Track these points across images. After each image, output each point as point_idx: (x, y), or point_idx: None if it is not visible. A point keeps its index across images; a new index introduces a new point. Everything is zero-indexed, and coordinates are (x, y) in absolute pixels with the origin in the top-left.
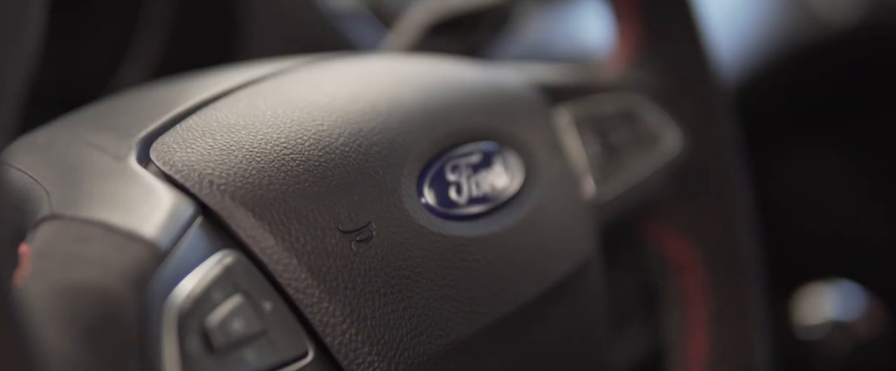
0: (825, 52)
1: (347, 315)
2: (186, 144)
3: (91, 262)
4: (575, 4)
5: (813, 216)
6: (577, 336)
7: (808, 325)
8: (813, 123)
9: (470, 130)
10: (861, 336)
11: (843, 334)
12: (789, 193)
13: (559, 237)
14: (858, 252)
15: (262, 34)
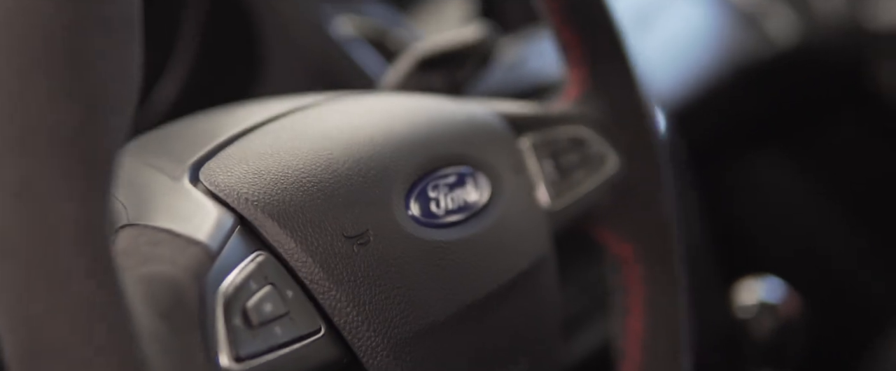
0: (771, 68)
1: (350, 301)
2: (227, 169)
3: (162, 260)
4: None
5: (756, 218)
6: (534, 318)
7: (744, 307)
8: (761, 133)
9: (447, 157)
10: (781, 317)
11: (769, 314)
12: (737, 198)
13: (520, 240)
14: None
15: (280, 61)
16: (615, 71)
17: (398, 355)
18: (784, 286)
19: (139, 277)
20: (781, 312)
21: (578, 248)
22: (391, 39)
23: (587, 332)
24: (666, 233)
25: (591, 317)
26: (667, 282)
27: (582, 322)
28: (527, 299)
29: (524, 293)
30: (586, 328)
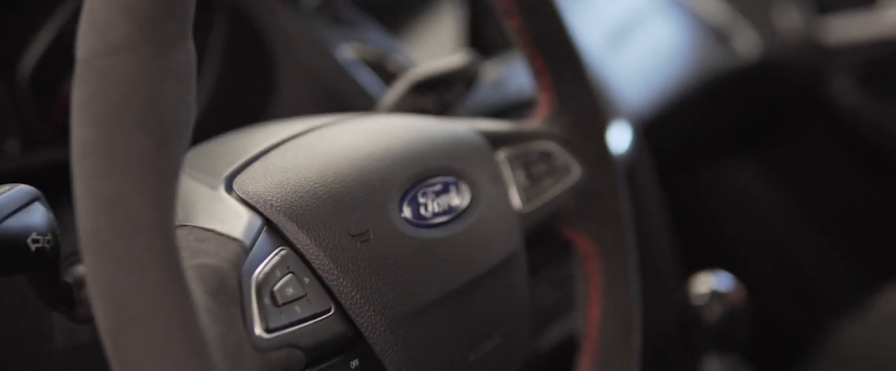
0: (737, 81)
1: (354, 286)
2: (254, 180)
3: (209, 254)
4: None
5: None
6: (507, 302)
7: (697, 295)
8: (729, 141)
9: (434, 169)
10: (729, 304)
11: (718, 302)
12: (708, 201)
13: (495, 238)
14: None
15: (292, 83)
16: (578, 95)
17: (393, 330)
18: (733, 279)
19: (193, 267)
20: (729, 301)
21: (553, 250)
22: (389, 63)
23: (561, 322)
24: (622, 232)
25: (564, 309)
26: (622, 273)
27: (557, 313)
28: (500, 286)
29: (498, 281)
30: (560, 318)
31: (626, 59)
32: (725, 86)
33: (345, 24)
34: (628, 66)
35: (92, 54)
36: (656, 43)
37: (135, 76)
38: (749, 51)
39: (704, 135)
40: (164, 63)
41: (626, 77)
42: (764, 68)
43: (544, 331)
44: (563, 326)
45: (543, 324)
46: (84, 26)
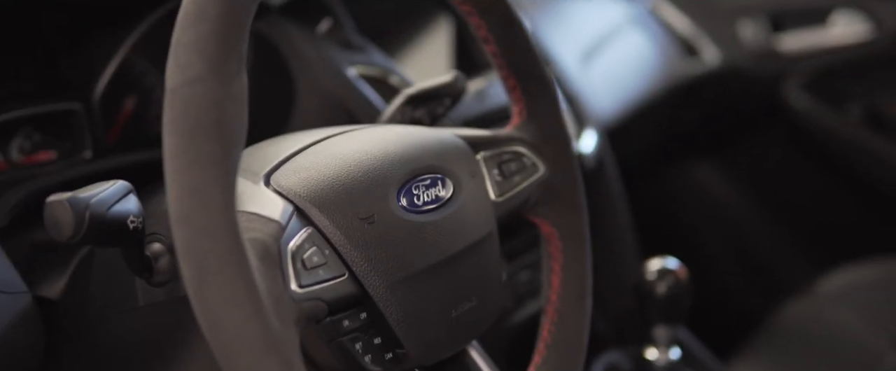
0: (701, 87)
1: (362, 256)
2: (286, 177)
3: (256, 230)
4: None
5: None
6: (482, 271)
7: (650, 271)
8: (694, 143)
9: (425, 168)
10: (674, 280)
11: (665, 278)
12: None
13: (473, 221)
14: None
15: (308, 97)
16: (543, 107)
17: (392, 291)
18: (678, 262)
19: (246, 239)
20: (674, 277)
21: (529, 239)
22: (389, 80)
23: (534, 297)
24: (578, 218)
25: (538, 287)
26: (578, 251)
27: (531, 291)
28: (477, 260)
29: (475, 256)
30: (535, 295)
31: (598, 71)
32: (690, 92)
33: (352, 49)
34: (600, 76)
35: (177, 85)
36: (627, 54)
37: (207, 101)
38: (712, 60)
39: (671, 136)
40: (227, 91)
41: (597, 87)
42: (725, 76)
43: (521, 304)
44: (537, 301)
45: (520, 299)
46: (171, 65)
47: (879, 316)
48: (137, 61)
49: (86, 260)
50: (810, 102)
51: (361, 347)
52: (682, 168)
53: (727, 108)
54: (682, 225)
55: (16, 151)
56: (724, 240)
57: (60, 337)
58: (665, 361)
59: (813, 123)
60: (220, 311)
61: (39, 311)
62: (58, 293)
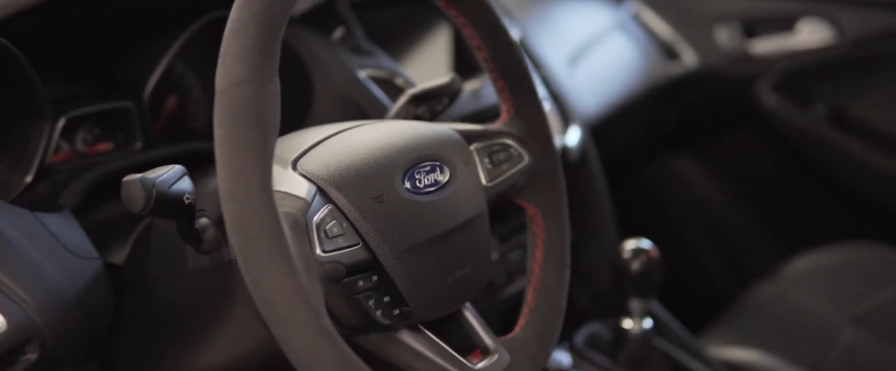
0: (680, 87)
1: (373, 229)
2: (310, 163)
3: (287, 205)
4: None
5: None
6: (474, 244)
7: (626, 250)
8: (673, 139)
9: (425, 156)
10: (647, 258)
11: (639, 256)
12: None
13: (466, 202)
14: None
15: (324, 96)
16: (528, 105)
17: (399, 258)
18: (651, 242)
19: (280, 213)
20: (647, 256)
21: (519, 224)
22: (395, 81)
23: (523, 275)
24: (559, 201)
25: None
26: (558, 229)
27: (521, 268)
28: (470, 234)
29: (468, 231)
30: (522, 272)
31: (584, 72)
32: (669, 92)
33: (362, 54)
34: (586, 77)
35: (225, 87)
36: (611, 57)
37: (248, 100)
38: (690, 62)
39: (652, 133)
40: (264, 92)
41: (583, 87)
42: (702, 77)
43: (512, 280)
44: (525, 278)
45: (511, 275)
46: (220, 71)
47: (839, 296)
48: (178, 66)
49: (144, 232)
50: (780, 102)
51: (373, 304)
52: (663, 162)
53: (704, 106)
54: (661, 214)
55: (80, 143)
56: (699, 227)
57: (124, 297)
58: (639, 330)
59: (782, 121)
60: (261, 270)
61: (109, 275)
62: (122, 260)
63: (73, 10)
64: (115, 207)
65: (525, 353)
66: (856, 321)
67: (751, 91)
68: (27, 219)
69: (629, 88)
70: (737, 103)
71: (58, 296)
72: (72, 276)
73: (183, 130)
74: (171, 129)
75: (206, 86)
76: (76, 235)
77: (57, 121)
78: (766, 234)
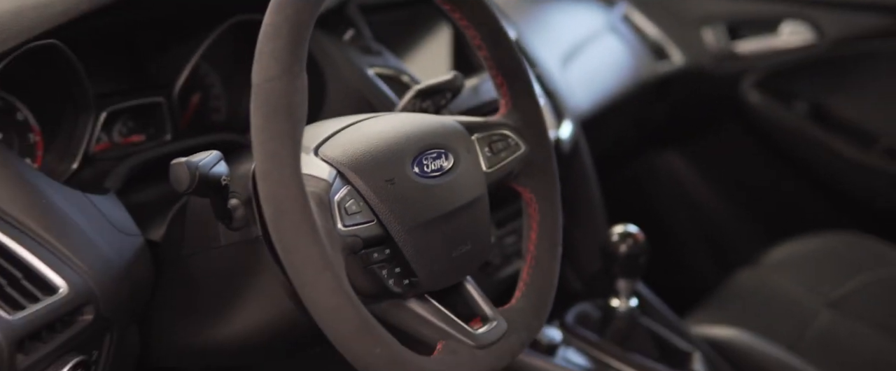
0: (668, 84)
1: (385, 208)
2: (330, 149)
3: (312, 185)
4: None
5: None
6: (474, 223)
7: (614, 235)
8: (661, 135)
9: (432, 144)
10: (632, 242)
11: (625, 239)
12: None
13: (468, 186)
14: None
15: (336, 92)
16: (525, 100)
17: (408, 234)
18: (638, 228)
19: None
20: (633, 239)
21: (515, 211)
22: (402, 78)
23: (518, 257)
24: (552, 186)
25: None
26: (551, 211)
27: (516, 251)
28: (471, 215)
29: (470, 212)
30: (518, 255)
31: (577, 71)
32: (658, 89)
33: (371, 53)
34: (579, 75)
35: (260, 82)
36: (603, 56)
37: (281, 93)
38: (678, 61)
39: (641, 127)
40: (293, 86)
41: (576, 84)
42: (689, 75)
43: (508, 262)
44: (520, 260)
45: (507, 257)
46: (256, 68)
47: (816, 282)
48: (202, 67)
49: (178, 213)
50: (763, 99)
51: (386, 274)
52: (651, 156)
53: (691, 103)
54: (650, 206)
55: (116, 134)
56: (686, 218)
57: (162, 270)
58: (625, 309)
59: (765, 117)
60: (292, 240)
61: (148, 250)
62: (159, 237)
63: (115, 16)
64: (150, 191)
65: (521, 322)
66: (831, 305)
67: (735, 89)
68: (80, 198)
69: (619, 86)
70: (722, 100)
71: (108, 266)
72: (119, 251)
73: (205, 124)
74: (196, 123)
75: (226, 84)
76: (121, 215)
77: (99, 114)
78: (748, 224)
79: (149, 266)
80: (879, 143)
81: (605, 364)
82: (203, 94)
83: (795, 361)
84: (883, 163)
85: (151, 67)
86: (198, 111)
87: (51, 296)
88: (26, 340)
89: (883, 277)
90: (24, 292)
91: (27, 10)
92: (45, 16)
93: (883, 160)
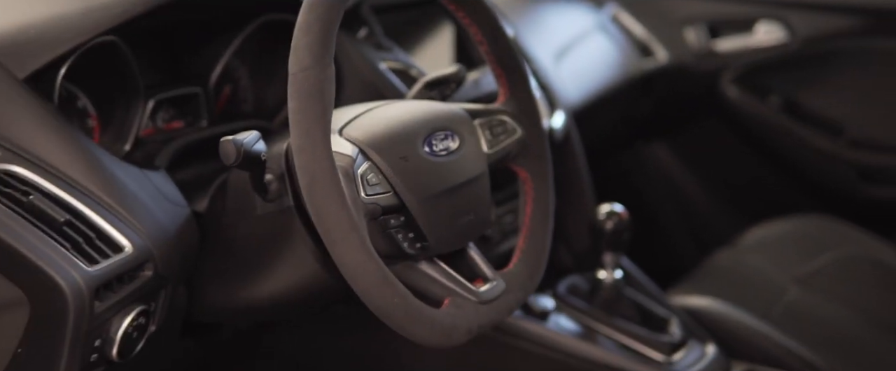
0: (653, 80)
1: (400, 180)
2: (353, 130)
3: (339, 160)
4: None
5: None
6: (477, 196)
7: (601, 212)
8: (647, 128)
9: (440, 127)
10: (617, 219)
11: (611, 217)
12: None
13: (472, 164)
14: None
15: (351, 85)
16: (521, 90)
17: (421, 204)
18: (622, 206)
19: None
20: (617, 217)
21: (513, 191)
22: (410, 72)
23: (515, 234)
24: (545, 166)
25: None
26: (544, 188)
27: (513, 229)
28: (474, 188)
29: (472, 186)
30: (515, 232)
31: (568, 66)
32: (644, 84)
33: (382, 49)
34: (570, 70)
35: (296, 71)
36: (593, 53)
37: (313, 80)
38: (662, 59)
39: (628, 119)
40: (324, 74)
41: (567, 79)
42: (672, 71)
43: (505, 238)
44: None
45: (505, 234)
46: (292, 59)
47: (786, 260)
48: (232, 62)
49: (221, 186)
50: (740, 94)
51: (401, 238)
52: (637, 146)
53: (674, 97)
54: (636, 193)
55: (159, 120)
56: (669, 204)
57: (206, 237)
58: (611, 280)
59: (742, 110)
60: (323, 205)
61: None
62: (202, 209)
63: (161, 17)
64: (190, 171)
65: (517, 282)
66: (798, 281)
67: (715, 84)
68: (137, 173)
69: (608, 81)
70: (703, 95)
71: (163, 231)
72: (171, 218)
73: (235, 112)
74: (227, 111)
75: (252, 77)
76: (171, 188)
77: (147, 102)
78: (726, 208)
79: (195, 233)
80: (845, 135)
81: (593, 329)
82: (233, 86)
83: (763, 327)
84: (848, 153)
85: (189, 62)
86: (229, 101)
87: (118, 254)
88: (101, 289)
89: (845, 256)
90: (97, 250)
91: (94, 10)
92: (108, 16)
93: (848, 150)
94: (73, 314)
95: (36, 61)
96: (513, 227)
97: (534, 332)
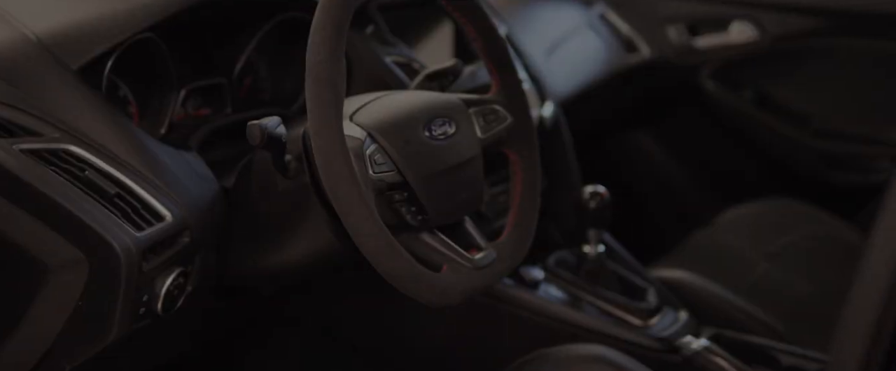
0: (636, 73)
1: (403, 160)
2: (362, 116)
3: (349, 142)
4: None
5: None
6: (471, 175)
7: (585, 192)
8: (630, 119)
9: (439, 114)
10: (599, 198)
11: (593, 196)
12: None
13: (467, 147)
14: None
15: (358, 78)
16: (511, 82)
17: (422, 181)
18: (604, 187)
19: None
20: (599, 196)
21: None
22: (413, 65)
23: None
24: (533, 149)
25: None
26: (532, 169)
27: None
28: (469, 169)
29: (468, 167)
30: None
31: (558, 60)
32: (628, 77)
33: (388, 44)
34: (560, 64)
35: (312, 64)
36: (581, 48)
37: (327, 72)
38: (645, 54)
39: (613, 110)
40: (336, 67)
41: (557, 72)
42: (655, 66)
43: (498, 217)
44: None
45: (498, 213)
46: (309, 53)
47: (758, 239)
48: (254, 55)
49: (246, 166)
50: (717, 87)
51: (404, 211)
52: (622, 135)
53: (657, 90)
54: (621, 179)
55: (189, 107)
56: (652, 187)
57: (233, 210)
58: (594, 253)
59: (718, 102)
60: (337, 182)
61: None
62: (230, 185)
63: (192, 15)
64: (217, 152)
65: (508, 252)
66: (768, 257)
67: (694, 78)
68: (173, 152)
69: (595, 74)
70: (683, 87)
71: (197, 204)
72: (203, 192)
73: (255, 100)
74: (248, 99)
75: (270, 69)
76: (202, 167)
77: (180, 91)
78: (705, 192)
79: (223, 207)
80: (811, 125)
81: (578, 297)
82: (254, 77)
83: (730, 296)
84: (813, 141)
85: (215, 56)
86: (250, 90)
87: (160, 222)
88: (147, 252)
89: (809, 235)
90: (143, 218)
91: (137, 10)
92: (148, 14)
93: (813, 139)
94: (126, 272)
95: (87, 55)
96: (505, 207)
97: (526, 299)
